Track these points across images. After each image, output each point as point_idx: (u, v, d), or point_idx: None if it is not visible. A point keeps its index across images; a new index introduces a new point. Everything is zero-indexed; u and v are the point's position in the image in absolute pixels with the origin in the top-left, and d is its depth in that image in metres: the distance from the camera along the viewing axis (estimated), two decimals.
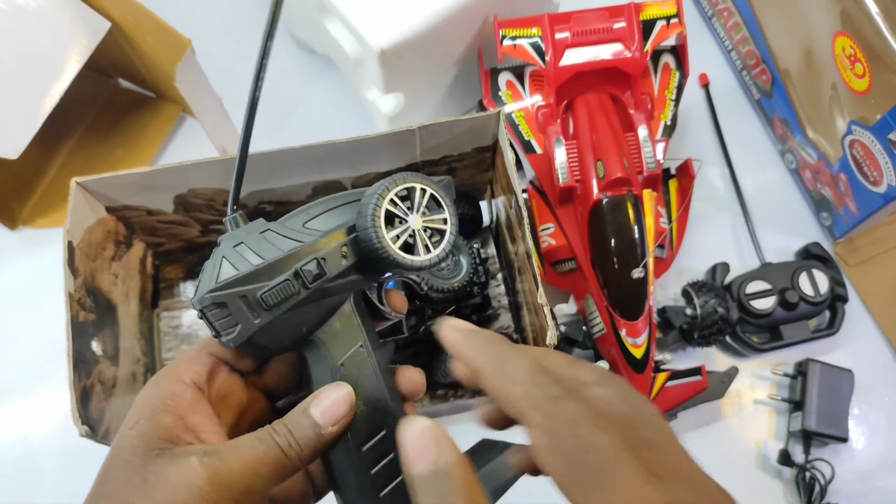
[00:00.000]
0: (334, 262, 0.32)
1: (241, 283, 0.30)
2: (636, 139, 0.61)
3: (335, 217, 0.34)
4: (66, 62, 0.59)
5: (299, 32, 0.75)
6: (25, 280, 0.68)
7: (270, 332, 0.31)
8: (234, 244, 0.32)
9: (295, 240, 0.32)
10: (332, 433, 0.30)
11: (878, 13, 0.54)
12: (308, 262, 0.31)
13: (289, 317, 0.31)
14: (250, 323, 0.30)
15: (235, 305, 0.30)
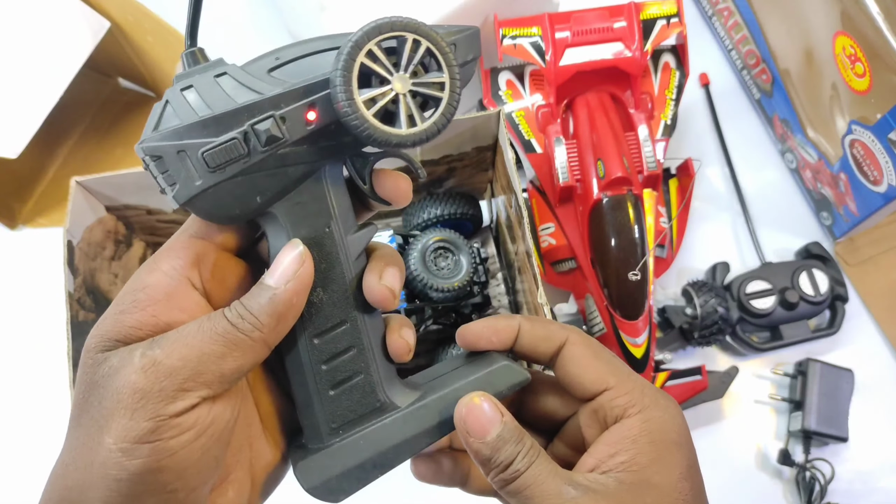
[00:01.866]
0: (296, 125, 0.26)
1: (179, 135, 0.26)
2: (636, 139, 0.61)
3: (309, 67, 0.28)
4: (65, 62, 0.59)
5: (299, 33, 0.75)
6: (25, 280, 0.68)
7: (215, 197, 0.26)
8: (182, 87, 0.27)
9: (253, 90, 0.27)
10: (287, 291, 0.27)
11: (879, 13, 0.54)
12: (263, 119, 0.26)
13: (238, 182, 0.26)
14: (190, 183, 0.26)
15: (173, 161, 0.26)
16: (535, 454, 0.29)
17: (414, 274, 0.54)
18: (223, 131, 0.26)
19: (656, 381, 0.58)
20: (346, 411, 0.30)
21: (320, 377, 0.29)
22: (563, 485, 0.28)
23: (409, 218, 0.63)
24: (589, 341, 0.32)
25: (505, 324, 0.33)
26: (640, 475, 0.29)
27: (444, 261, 0.57)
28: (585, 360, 0.31)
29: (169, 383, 0.25)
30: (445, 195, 0.62)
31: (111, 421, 0.25)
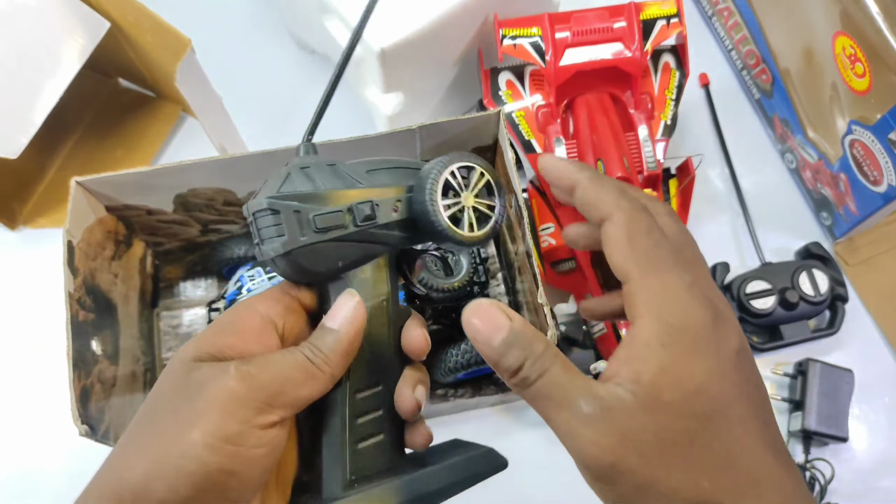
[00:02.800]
0: (385, 212, 0.34)
1: (299, 199, 0.32)
2: (636, 139, 0.61)
3: (396, 175, 0.36)
4: (65, 62, 0.59)
5: (299, 32, 0.75)
6: (25, 280, 0.68)
7: (311, 254, 0.32)
8: (301, 166, 0.34)
9: (356, 180, 0.34)
10: (346, 332, 0.31)
11: (879, 13, 0.54)
12: (363, 202, 0.33)
13: (331, 246, 0.33)
14: (296, 237, 0.32)
15: (288, 217, 0.32)
16: (549, 362, 0.28)
17: None
18: (331, 204, 0.33)
19: None
20: (364, 467, 0.34)
21: (354, 430, 0.33)
22: (578, 398, 0.27)
23: None
24: (631, 222, 0.30)
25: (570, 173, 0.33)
26: (650, 388, 0.27)
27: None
28: (618, 244, 0.30)
29: (261, 395, 0.29)
30: None
31: (203, 418, 0.28)
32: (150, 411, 0.30)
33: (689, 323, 0.28)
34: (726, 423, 0.27)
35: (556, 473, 0.59)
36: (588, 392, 0.27)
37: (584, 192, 0.32)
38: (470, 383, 0.60)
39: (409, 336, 0.35)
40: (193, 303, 0.64)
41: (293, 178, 0.33)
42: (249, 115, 0.72)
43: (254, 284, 0.58)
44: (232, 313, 0.32)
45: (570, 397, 0.28)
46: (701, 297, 0.29)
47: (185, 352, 0.30)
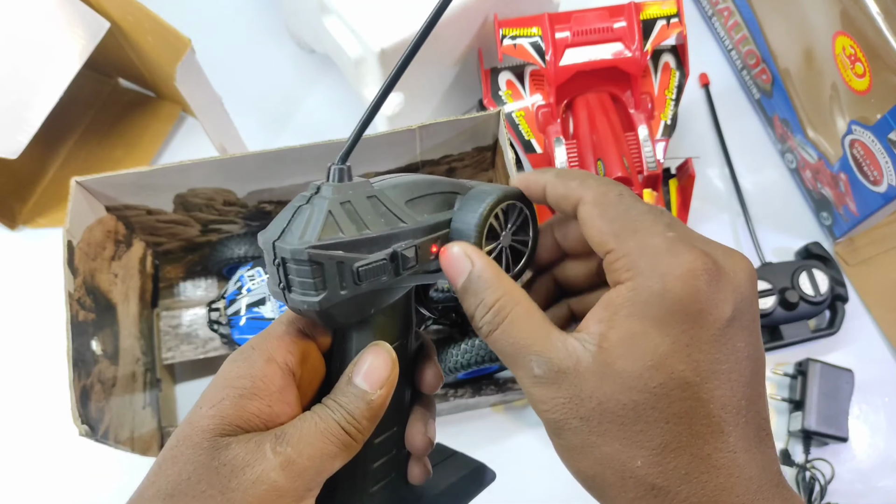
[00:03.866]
0: (425, 255, 0.30)
1: (345, 248, 0.28)
2: (636, 139, 0.61)
3: (436, 204, 0.32)
4: (65, 62, 0.59)
5: (299, 32, 0.75)
6: (25, 280, 0.68)
7: (346, 306, 0.29)
8: (342, 201, 0.28)
9: (399, 218, 0.30)
10: (381, 397, 0.29)
11: (879, 13, 0.54)
12: (408, 247, 0.29)
13: (368, 295, 0.29)
14: (336, 292, 0.28)
15: (331, 270, 0.28)
16: (504, 313, 0.27)
17: None
18: (375, 250, 0.29)
19: None
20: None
21: (369, 475, 0.32)
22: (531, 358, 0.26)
23: None
24: (600, 197, 0.28)
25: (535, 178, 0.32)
26: (606, 355, 0.26)
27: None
28: (592, 220, 0.28)
29: (301, 483, 0.26)
30: None
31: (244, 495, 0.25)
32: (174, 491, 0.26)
33: (667, 288, 0.25)
34: (689, 403, 0.25)
35: (556, 473, 0.59)
36: (541, 351, 0.26)
37: (552, 188, 0.31)
38: (470, 383, 0.60)
39: (426, 374, 0.32)
40: (193, 303, 0.64)
41: (335, 219, 0.28)
42: (249, 115, 0.72)
43: (254, 284, 0.58)
44: (248, 367, 0.28)
45: (523, 355, 0.27)
46: (688, 254, 0.26)
47: (208, 421, 0.27)
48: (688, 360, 0.25)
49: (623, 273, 0.26)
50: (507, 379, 0.61)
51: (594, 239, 0.28)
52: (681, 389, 0.25)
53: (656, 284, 0.25)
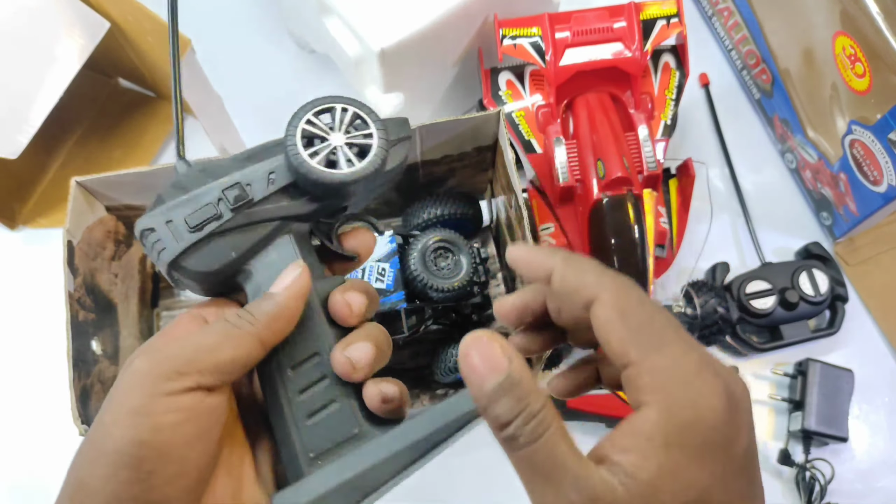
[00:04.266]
0: (260, 187, 0.33)
1: (167, 209, 0.32)
2: (636, 139, 0.61)
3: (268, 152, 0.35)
4: (65, 62, 0.59)
5: (299, 32, 0.75)
6: (25, 280, 0.68)
7: (197, 255, 0.32)
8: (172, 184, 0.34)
9: (226, 171, 0.34)
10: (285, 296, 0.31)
11: (879, 13, 0.54)
12: (231, 186, 0.33)
13: (215, 241, 0.32)
14: (174, 246, 0.32)
15: (162, 229, 0.32)
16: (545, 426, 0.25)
17: (414, 274, 0.54)
18: (201, 201, 0.33)
19: None
20: (323, 440, 0.31)
21: (297, 406, 0.32)
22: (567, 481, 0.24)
23: (409, 218, 0.63)
24: (620, 300, 0.27)
25: (541, 260, 0.29)
26: (647, 489, 0.24)
27: (444, 261, 0.57)
28: (610, 325, 0.27)
29: (167, 366, 0.28)
30: (445, 195, 0.62)
31: (111, 402, 0.28)
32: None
33: (700, 417, 0.25)
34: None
35: None
36: (579, 475, 0.24)
37: (562, 278, 0.29)
38: None
39: (330, 302, 0.33)
40: (193, 303, 0.64)
41: (164, 197, 0.33)
42: (249, 115, 0.72)
43: None
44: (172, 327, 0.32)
45: (559, 476, 0.25)
46: (714, 380, 0.25)
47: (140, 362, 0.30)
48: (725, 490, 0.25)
49: (649, 393, 0.25)
50: None
51: (613, 347, 0.26)
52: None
53: (689, 413, 0.25)
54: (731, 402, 0.25)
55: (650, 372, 0.25)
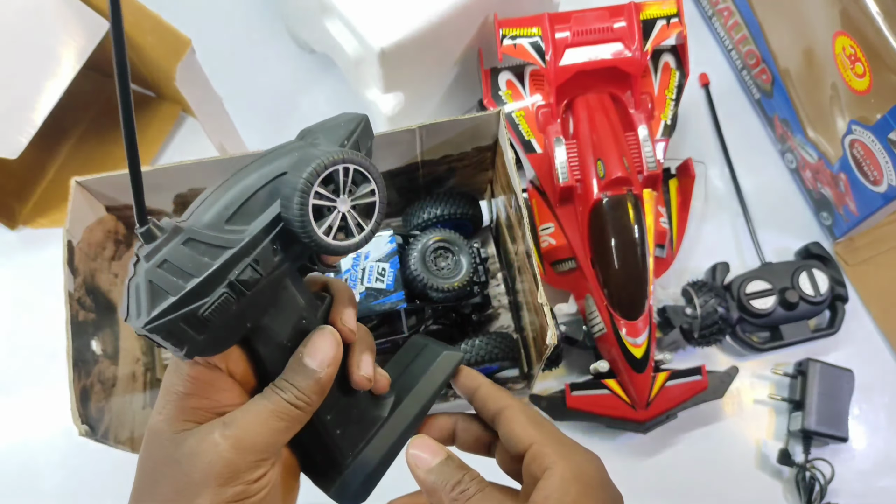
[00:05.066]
0: (267, 261, 0.31)
1: (178, 307, 0.28)
2: (636, 139, 0.61)
3: (260, 203, 0.31)
4: (65, 62, 0.59)
5: (299, 32, 0.75)
6: (25, 280, 0.68)
7: (215, 341, 0.30)
8: (157, 264, 0.29)
9: (222, 246, 0.30)
10: (328, 374, 0.33)
11: (879, 13, 0.54)
12: (242, 269, 0.30)
13: (231, 324, 0.30)
14: (196, 343, 0.29)
15: (178, 329, 0.29)
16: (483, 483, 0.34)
17: (414, 274, 0.54)
18: (212, 289, 0.29)
19: (656, 380, 0.58)
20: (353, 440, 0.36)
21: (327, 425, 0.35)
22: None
23: (409, 218, 0.63)
24: (526, 409, 0.36)
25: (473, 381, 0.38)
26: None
27: (444, 261, 0.57)
28: (518, 419, 0.35)
29: (252, 457, 0.31)
30: (445, 195, 0.62)
31: (203, 489, 0.30)
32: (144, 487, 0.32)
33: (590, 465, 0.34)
34: None
35: None
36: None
37: (485, 392, 0.37)
38: None
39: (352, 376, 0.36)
40: None
41: (157, 285, 0.29)
42: (249, 115, 0.72)
43: None
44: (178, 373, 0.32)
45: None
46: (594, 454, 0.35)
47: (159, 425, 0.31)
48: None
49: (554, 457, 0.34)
50: (506, 379, 0.61)
51: (518, 433, 0.35)
52: None
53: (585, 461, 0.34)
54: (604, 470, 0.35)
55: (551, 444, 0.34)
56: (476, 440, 0.39)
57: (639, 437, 0.62)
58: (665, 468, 0.62)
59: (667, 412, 0.59)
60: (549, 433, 0.35)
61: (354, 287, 0.54)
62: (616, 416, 0.58)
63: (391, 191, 0.62)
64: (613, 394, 0.58)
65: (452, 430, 0.39)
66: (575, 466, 0.33)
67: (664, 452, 0.62)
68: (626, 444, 0.62)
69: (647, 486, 0.61)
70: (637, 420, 0.58)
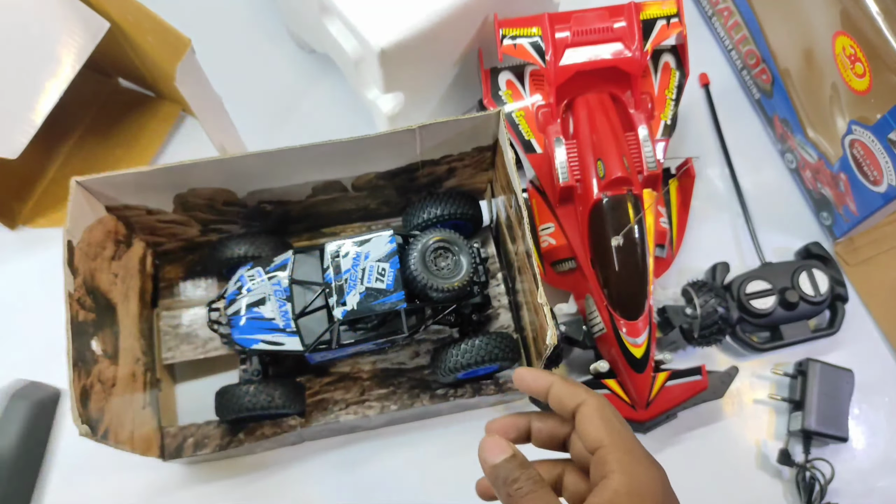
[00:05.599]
0: None
1: None
2: (636, 139, 0.61)
3: None
4: (65, 62, 0.59)
5: (299, 32, 0.75)
6: (25, 280, 0.68)
7: None
8: None
9: None
10: None
11: (879, 13, 0.54)
12: None
13: None
14: None
15: None
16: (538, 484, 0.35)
17: (414, 274, 0.54)
18: None
19: (656, 380, 0.58)
20: None
21: None
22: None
23: (409, 218, 0.63)
24: (602, 405, 0.37)
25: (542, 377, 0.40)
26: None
27: (444, 261, 0.57)
28: (593, 419, 0.37)
29: None
30: (445, 195, 0.62)
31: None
32: None
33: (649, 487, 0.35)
34: None
35: None
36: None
37: (558, 389, 0.38)
38: (470, 383, 0.60)
39: None
40: (193, 303, 0.64)
41: None
42: (249, 115, 0.72)
43: (254, 284, 0.58)
44: None
45: None
46: (657, 470, 0.36)
47: None
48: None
49: (616, 465, 0.35)
50: (506, 379, 0.61)
51: (592, 433, 0.36)
52: None
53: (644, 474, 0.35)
54: (664, 485, 0.36)
55: (617, 450, 0.35)
56: (550, 437, 0.40)
57: (638, 437, 0.62)
58: (665, 468, 0.62)
59: (667, 412, 0.59)
60: (618, 438, 0.36)
61: (354, 287, 0.54)
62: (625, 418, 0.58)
63: (391, 191, 0.62)
64: (613, 394, 0.58)
65: (527, 429, 0.40)
66: (632, 479, 0.34)
67: (664, 452, 0.62)
68: None
69: None
70: (637, 420, 0.58)
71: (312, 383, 0.61)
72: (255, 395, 0.56)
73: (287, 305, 0.57)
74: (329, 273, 0.55)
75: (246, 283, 0.58)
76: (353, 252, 0.55)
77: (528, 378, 0.40)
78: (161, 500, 0.60)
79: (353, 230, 0.67)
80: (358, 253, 0.55)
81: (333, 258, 0.55)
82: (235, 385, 0.57)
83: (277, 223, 0.63)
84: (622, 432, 0.36)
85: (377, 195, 0.62)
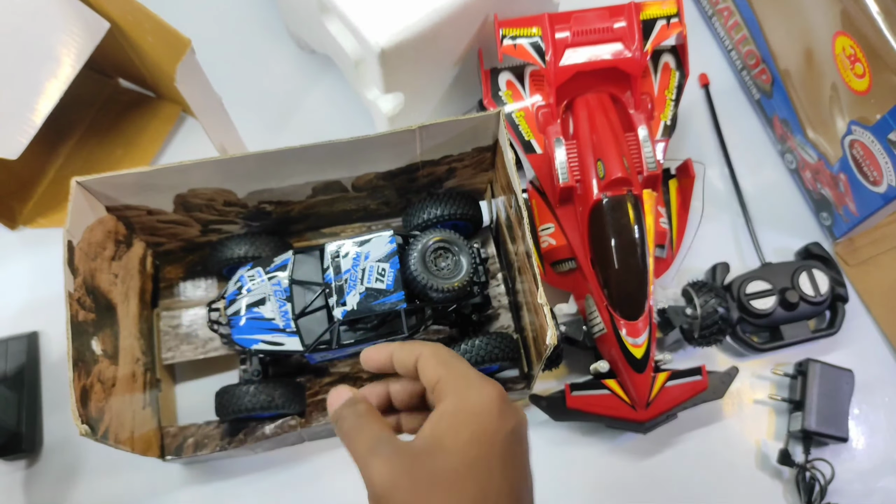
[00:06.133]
0: None
1: None
2: (636, 139, 0.61)
3: None
4: (65, 62, 0.59)
5: (299, 32, 0.75)
6: (25, 280, 0.68)
7: None
8: None
9: None
10: None
11: (879, 13, 0.54)
12: None
13: None
14: None
15: None
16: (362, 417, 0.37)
17: (414, 274, 0.54)
18: None
19: (657, 381, 0.58)
20: None
21: None
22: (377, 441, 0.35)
23: (409, 218, 0.63)
24: (437, 351, 0.39)
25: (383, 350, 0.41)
26: (437, 440, 0.35)
27: (444, 261, 0.57)
28: (429, 361, 0.38)
29: None
30: (445, 195, 0.62)
31: None
32: None
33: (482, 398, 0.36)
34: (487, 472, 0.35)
35: (555, 472, 0.59)
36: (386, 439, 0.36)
37: (398, 353, 0.40)
38: None
39: None
40: (193, 303, 0.64)
41: None
42: (249, 115, 0.72)
43: (254, 284, 0.58)
44: None
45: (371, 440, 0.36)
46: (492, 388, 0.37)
47: None
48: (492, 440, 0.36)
49: (449, 391, 0.36)
50: (506, 379, 0.61)
51: (429, 372, 0.38)
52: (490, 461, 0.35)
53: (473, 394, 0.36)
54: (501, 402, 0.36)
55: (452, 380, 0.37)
56: (410, 396, 0.41)
57: (639, 437, 0.62)
58: (665, 468, 0.62)
59: (667, 412, 0.58)
60: (453, 369, 0.37)
61: (354, 287, 0.54)
62: (616, 417, 0.58)
63: (391, 191, 0.62)
64: (613, 394, 0.58)
65: (387, 393, 0.42)
66: (462, 400, 0.36)
67: (664, 452, 0.62)
68: (626, 444, 0.62)
69: (647, 486, 0.61)
70: (637, 420, 0.58)
71: (312, 383, 0.61)
72: (255, 395, 0.56)
73: (287, 306, 0.57)
74: (329, 273, 0.55)
75: (246, 284, 0.58)
76: (353, 252, 0.55)
77: (372, 355, 0.41)
78: (161, 500, 0.60)
79: (353, 230, 0.67)
80: (358, 253, 0.55)
81: (333, 258, 0.55)
82: (235, 385, 0.57)
83: (277, 223, 0.63)
84: (458, 366, 0.38)
85: (377, 195, 0.62)
